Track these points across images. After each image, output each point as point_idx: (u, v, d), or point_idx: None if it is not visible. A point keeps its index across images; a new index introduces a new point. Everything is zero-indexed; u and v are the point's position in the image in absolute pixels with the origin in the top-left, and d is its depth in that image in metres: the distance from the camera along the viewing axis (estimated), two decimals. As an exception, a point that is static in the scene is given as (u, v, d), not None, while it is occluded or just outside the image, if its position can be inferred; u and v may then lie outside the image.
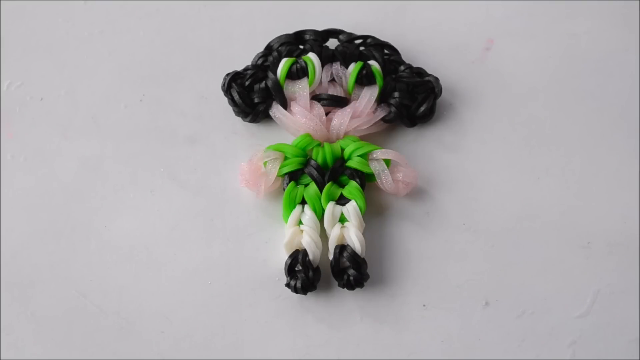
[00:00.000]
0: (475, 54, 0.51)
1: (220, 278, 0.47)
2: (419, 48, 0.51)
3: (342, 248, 0.45)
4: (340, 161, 0.47)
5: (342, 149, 0.47)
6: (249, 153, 0.47)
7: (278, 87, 0.48)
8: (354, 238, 0.45)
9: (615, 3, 0.53)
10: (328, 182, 0.46)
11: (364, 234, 0.46)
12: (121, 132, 0.49)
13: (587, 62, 0.51)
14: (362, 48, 0.49)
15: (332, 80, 0.49)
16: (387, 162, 0.47)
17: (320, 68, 0.48)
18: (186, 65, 0.51)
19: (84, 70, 0.51)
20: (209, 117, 0.50)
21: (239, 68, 0.49)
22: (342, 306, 0.46)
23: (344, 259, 0.45)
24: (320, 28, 0.50)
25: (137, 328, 0.46)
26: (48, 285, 0.47)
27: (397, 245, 0.47)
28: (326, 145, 0.47)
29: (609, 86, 0.51)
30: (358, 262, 0.45)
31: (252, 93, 0.48)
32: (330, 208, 0.46)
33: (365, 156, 0.47)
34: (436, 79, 0.49)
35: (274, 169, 0.46)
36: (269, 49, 0.50)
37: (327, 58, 0.49)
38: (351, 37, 0.50)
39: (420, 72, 0.49)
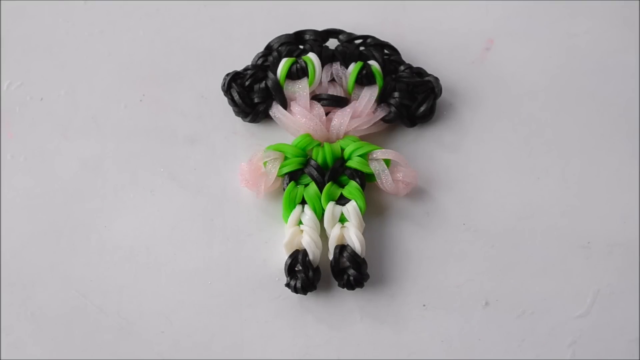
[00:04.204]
0: (475, 54, 0.51)
1: (220, 278, 0.47)
2: (419, 48, 0.51)
3: (342, 248, 0.45)
4: (340, 161, 0.47)
5: (342, 149, 0.47)
6: (249, 153, 0.47)
7: (278, 87, 0.48)
8: (354, 238, 0.45)
9: (615, 3, 0.53)
10: (328, 182, 0.46)
11: (364, 234, 0.46)
12: (121, 132, 0.49)
13: (587, 62, 0.51)
14: (362, 48, 0.49)
15: (332, 80, 0.49)
16: (387, 162, 0.47)
17: (320, 68, 0.48)
18: (186, 65, 0.51)
19: (84, 70, 0.51)
20: (209, 117, 0.50)
21: (239, 68, 0.49)
22: (342, 306, 0.46)
23: (344, 259, 0.45)
24: (320, 28, 0.50)
25: (137, 328, 0.46)
26: (48, 285, 0.47)
27: (397, 245, 0.47)
28: (326, 145, 0.47)
29: (609, 86, 0.51)
30: (358, 262, 0.45)
31: (252, 93, 0.48)
32: (330, 208, 0.46)
33: (365, 156, 0.47)
34: (436, 79, 0.49)
35: (274, 169, 0.46)
36: (269, 49, 0.50)
37: (327, 58, 0.49)
38: (351, 37, 0.50)
39: (420, 72, 0.49)
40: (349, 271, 0.45)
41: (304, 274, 0.45)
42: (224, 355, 0.46)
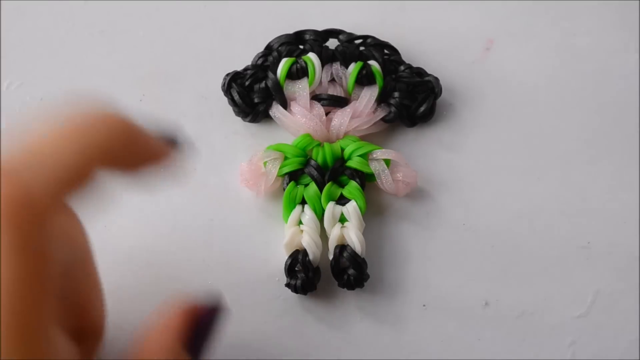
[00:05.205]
0: (475, 54, 0.51)
1: (220, 278, 0.47)
2: (419, 48, 0.51)
3: (342, 248, 0.45)
4: (340, 161, 0.47)
5: (342, 149, 0.47)
6: (249, 153, 0.47)
7: (278, 87, 0.48)
8: (354, 238, 0.45)
9: (615, 3, 0.53)
10: (328, 182, 0.46)
11: (364, 234, 0.45)
12: (121, 132, 0.49)
13: (587, 62, 0.51)
14: (362, 48, 0.49)
15: (332, 80, 0.49)
16: (387, 162, 0.47)
17: (320, 68, 0.48)
18: (186, 65, 0.51)
19: (84, 70, 0.51)
20: (209, 117, 0.50)
21: (239, 68, 0.49)
22: (342, 306, 0.46)
23: (344, 259, 0.45)
24: (320, 28, 0.50)
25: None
26: (48, 285, 0.46)
27: (397, 245, 0.47)
28: (326, 145, 0.47)
29: (609, 86, 0.51)
30: (358, 262, 0.45)
31: (252, 93, 0.48)
32: (330, 208, 0.46)
33: (365, 156, 0.47)
34: (436, 79, 0.49)
35: (274, 169, 0.46)
36: (269, 49, 0.50)
37: (327, 58, 0.49)
38: (351, 37, 0.50)
39: (420, 72, 0.49)
40: (349, 271, 0.45)
41: (304, 274, 0.45)
42: (224, 355, 0.46)
